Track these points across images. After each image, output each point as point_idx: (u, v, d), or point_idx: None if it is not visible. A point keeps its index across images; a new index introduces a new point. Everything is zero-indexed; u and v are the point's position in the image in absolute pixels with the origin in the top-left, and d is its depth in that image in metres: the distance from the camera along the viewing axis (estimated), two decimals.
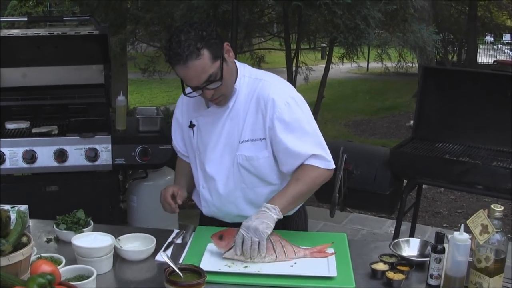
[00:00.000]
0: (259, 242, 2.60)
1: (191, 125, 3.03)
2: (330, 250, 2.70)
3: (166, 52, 2.70)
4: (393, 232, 5.74)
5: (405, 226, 5.66)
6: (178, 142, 3.22)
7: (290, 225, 3.08)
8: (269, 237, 2.65)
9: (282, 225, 2.89)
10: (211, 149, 2.98)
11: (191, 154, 3.11)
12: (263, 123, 2.87)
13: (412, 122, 6.18)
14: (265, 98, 2.86)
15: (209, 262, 2.61)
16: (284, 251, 2.66)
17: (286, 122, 2.84)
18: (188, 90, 2.83)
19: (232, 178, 2.98)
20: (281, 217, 2.72)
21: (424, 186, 5.90)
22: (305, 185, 2.86)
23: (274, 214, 2.69)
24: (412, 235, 5.52)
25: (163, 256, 2.59)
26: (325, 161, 2.90)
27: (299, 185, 2.85)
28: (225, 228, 2.79)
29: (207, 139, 2.98)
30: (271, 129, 2.85)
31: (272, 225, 2.66)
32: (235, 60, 2.93)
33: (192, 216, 3.31)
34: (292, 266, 2.60)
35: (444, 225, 7.07)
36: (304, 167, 2.89)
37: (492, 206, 2.39)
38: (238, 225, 2.72)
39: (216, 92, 2.78)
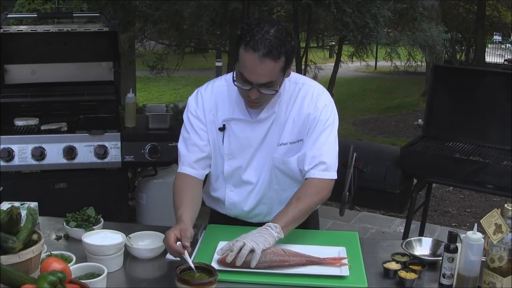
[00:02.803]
0: (253, 250, 2.52)
1: (223, 128, 2.93)
2: (344, 260, 2.66)
3: (247, 33, 2.60)
4: (402, 231, 5.73)
5: (414, 225, 5.64)
6: (204, 139, 2.98)
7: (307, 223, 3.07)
8: (282, 248, 2.63)
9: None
10: (250, 154, 2.93)
11: (214, 157, 2.99)
12: (304, 123, 2.88)
13: (420, 121, 6.18)
14: (310, 99, 2.89)
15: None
16: (296, 254, 2.62)
17: (320, 126, 2.88)
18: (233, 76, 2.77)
19: (268, 180, 2.96)
20: (282, 236, 2.67)
21: (433, 185, 5.88)
22: (307, 204, 2.83)
23: (275, 232, 2.64)
24: (421, 234, 5.51)
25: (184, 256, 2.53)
26: (329, 172, 2.90)
27: (301, 204, 2.81)
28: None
29: (246, 145, 2.92)
30: (310, 128, 2.88)
31: (271, 241, 2.60)
32: None
33: (203, 214, 3.27)
34: (303, 265, 2.58)
35: (453, 224, 7.05)
36: (305, 183, 2.90)
37: (505, 205, 2.37)
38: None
39: (261, 97, 2.72)
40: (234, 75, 2.74)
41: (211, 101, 2.95)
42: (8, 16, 5.32)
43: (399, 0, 7.05)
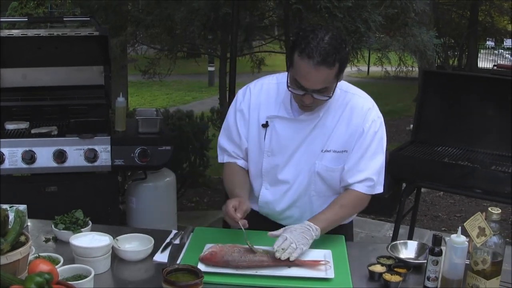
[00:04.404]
0: (295, 249, 2.58)
1: (266, 125, 2.96)
2: (328, 259, 2.68)
3: (302, 40, 2.63)
4: (391, 235, 5.74)
5: (404, 229, 5.66)
6: (242, 136, 3.04)
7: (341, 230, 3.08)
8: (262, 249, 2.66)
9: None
10: (288, 154, 2.94)
11: (254, 153, 3.03)
12: (352, 134, 2.90)
13: (412, 126, 6.19)
14: (360, 111, 2.92)
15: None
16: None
17: (368, 139, 2.90)
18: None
19: (305, 184, 2.97)
20: (317, 238, 2.72)
21: (423, 189, 5.90)
22: (346, 213, 2.94)
23: (314, 234, 2.69)
24: (410, 238, 5.51)
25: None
26: (372, 188, 2.96)
27: (342, 212, 2.90)
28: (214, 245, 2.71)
29: (286, 143, 2.93)
30: (357, 140, 2.89)
31: (310, 243, 2.66)
32: None
33: (191, 218, 3.31)
34: (289, 267, 2.59)
35: (443, 228, 7.07)
36: (350, 193, 2.95)
37: (489, 208, 2.40)
38: None
39: (315, 102, 2.75)
40: (288, 80, 2.77)
41: (259, 97, 3.00)
42: (0, 20, 5.32)
43: (390, 5, 7.06)
